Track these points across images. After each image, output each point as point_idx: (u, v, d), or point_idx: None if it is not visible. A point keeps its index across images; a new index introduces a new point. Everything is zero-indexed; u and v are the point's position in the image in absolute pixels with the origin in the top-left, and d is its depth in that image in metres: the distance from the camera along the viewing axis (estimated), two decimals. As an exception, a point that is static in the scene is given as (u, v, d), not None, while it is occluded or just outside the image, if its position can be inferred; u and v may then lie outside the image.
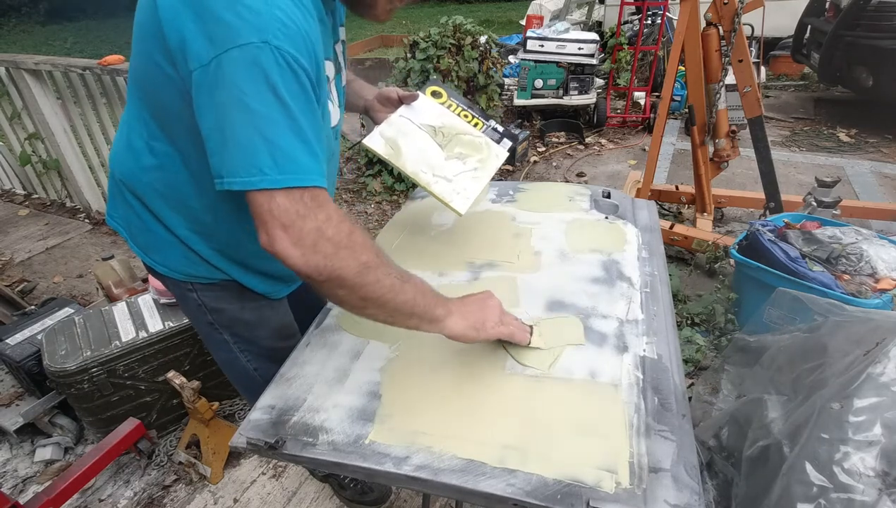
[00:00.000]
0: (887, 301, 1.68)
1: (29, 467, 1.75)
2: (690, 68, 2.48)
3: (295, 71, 0.68)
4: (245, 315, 1.07)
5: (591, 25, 6.14)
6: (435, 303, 0.81)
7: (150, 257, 0.99)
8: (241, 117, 0.66)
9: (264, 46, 0.65)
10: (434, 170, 1.09)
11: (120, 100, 2.75)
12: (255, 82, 0.65)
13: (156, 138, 0.86)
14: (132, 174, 0.92)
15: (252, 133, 0.67)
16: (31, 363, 1.76)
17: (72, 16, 12.62)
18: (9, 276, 2.81)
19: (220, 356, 1.15)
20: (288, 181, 0.68)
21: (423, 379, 0.86)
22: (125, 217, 0.99)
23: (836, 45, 3.90)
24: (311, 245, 0.69)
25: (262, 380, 1.10)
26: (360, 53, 7.91)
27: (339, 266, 0.71)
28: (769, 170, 2.54)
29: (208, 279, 1.00)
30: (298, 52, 0.68)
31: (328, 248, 0.70)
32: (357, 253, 0.72)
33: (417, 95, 1.18)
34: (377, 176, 3.57)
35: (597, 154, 4.12)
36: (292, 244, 0.69)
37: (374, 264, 0.74)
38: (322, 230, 0.70)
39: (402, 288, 0.77)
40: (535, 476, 0.68)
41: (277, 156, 0.68)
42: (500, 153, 1.17)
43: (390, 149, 1.09)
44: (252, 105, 0.66)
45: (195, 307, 1.04)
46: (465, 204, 1.07)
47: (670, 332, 0.93)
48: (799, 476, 1.01)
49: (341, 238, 0.71)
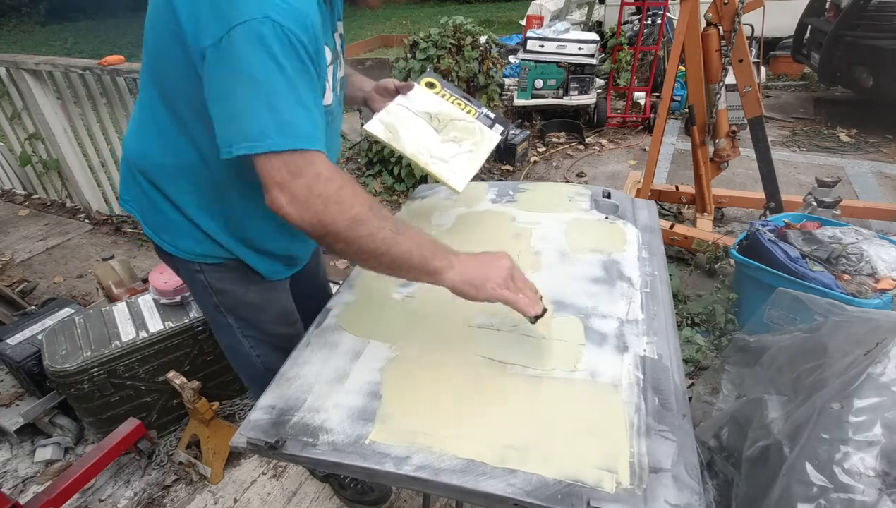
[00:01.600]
0: (887, 301, 1.68)
1: (29, 467, 1.75)
2: (690, 68, 2.48)
3: (294, 46, 0.73)
4: (249, 296, 1.11)
5: (592, 25, 6.14)
6: (433, 255, 0.81)
7: (161, 237, 1.03)
8: (245, 87, 0.72)
9: (266, 21, 0.71)
10: (431, 152, 1.15)
11: (120, 101, 2.75)
12: (258, 54, 0.71)
13: (166, 120, 0.90)
14: (144, 156, 0.97)
15: (256, 101, 0.72)
16: (31, 363, 1.76)
17: (72, 16, 12.61)
18: (9, 276, 2.82)
19: (224, 341, 1.20)
20: (286, 144, 0.73)
21: (423, 379, 0.86)
22: (137, 199, 1.03)
23: (837, 45, 3.90)
24: (304, 201, 0.74)
25: (264, 369, 1.15)
26: (361, 53, 7.91)
27: (330, 220, 0.75)
28: (769, 171, 2.54)
29: (215, 258, 1.04)
30: (298, 27, 0.74)
31: (318, 204, 0.74)
32: (346, 207, 0.76)
33: (413, 86, 1.23)
34: (377, 176, 3.57)
35: (597, 154, 4.12)
36: (288, 202, 0.74)
37: (364, 217, 0.77)
38: (311, 187, 0.74)
39: (396, 240, 0.79)
40: (535, 476, 0.68)
41: (279, 121, 0.72)
42: (492, 137, 1.24)
43: (389, 133, 1.15)
44: (256, 75, 0.72)
45: (202, 289, 1.08)
46: (463, 182, 1.14)
47: (670, 332, 0.93)
48: (799, 477, 1.01)
49: (330, 193, 0.75)
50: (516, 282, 0.84)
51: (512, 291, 0.82)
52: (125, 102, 2.75)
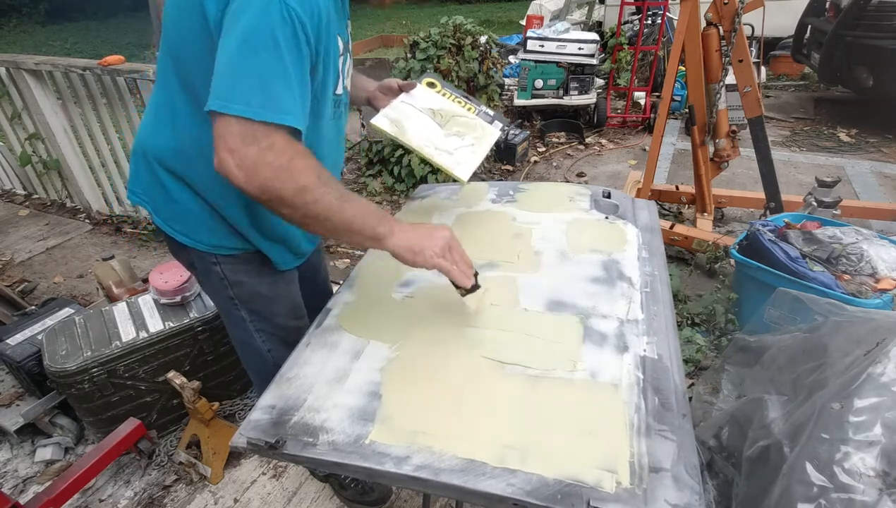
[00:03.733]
0: (887, 301, 1.68)
1: (29, 467, 1.75)
2: (691, 68, 2.48)
3: (295, 27, 0.77)
4: (263, 289, 1.15)
5: (592, 25, 6.14)
6: (377, 222, 0.87)
7: (174, 228, 1.04)
8: (244, 52, 0.76)
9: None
10: (436, 145, 1.20)
11: (120, 101, 2.76)
12: (262, 27, 0.76)
13: (187, 108, 0.93)
14: (162, 145, 0.98)
15: (246, 65, 0.76)
16: (31, 363, 1.76)
17: (72, 16, 12.61)
18: (9, 276, 2.82)
19: (237, 336, 1.24)
20: (263, 115, 0.76)
21: (423, 379, 0.86)
22: (149, 190, 1.04)
23: (837, 45, 3.90)
24: (252, 167, 0.77)
25: (274, 364, 1.16)
26: (361, 53, 7.91)
27: (278, 187, 0.78)
28: (769, 170, 2.54)
29: (229, 250, 1.07)
30: (304, 11, 0.78)
31: (267, 172, 0.77)
32: (296, 176, 0.79)
33: (416, 84, 1.29)
34: (377, 176, 3.57)
35: (597, 154, 4.12)
36: (236, 166, 0.77)
37: (312, 186, 0.81)
38: (262, 155, 0.77)
39: (342, 207, 0.84)
40: (535, 476, 0.68)
41: (264, 91, 0.76)
42: (493, 132, 1.29)
43: (395, 127, 1.19)
44: (256, 46, 0.76)
45: (218, 281, 1.11)
46: (467, 172, 1.19)
47: (670, 332, 0.93)
48: (799, 476, 1.01)
49: (281, 162, 0.78)
50: (453, 254, 0.91)
51: (448, 261, 0.90)
52: (125, 102, 2.75)
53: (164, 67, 0.95)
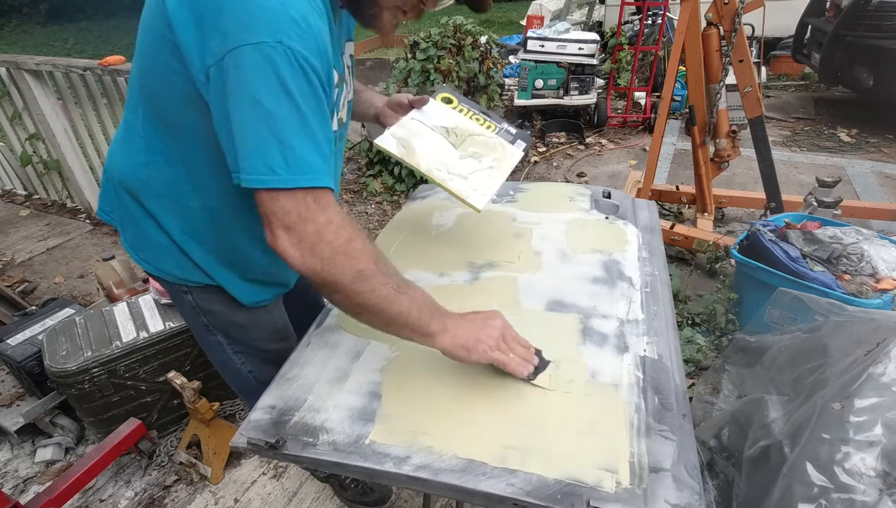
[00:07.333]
0: (888, 301, 1.68)
1: (30, 467, 1.75)
2: (691, 68, 2.48)
3: (306, 72, 0.69)
4: (239, 317, 1.06)
5: (592, 25, 6.14)
6: (430, 317, 0.79)
7: (139, 256, 0.99)
8: (254, 116, 0.68)
9: (278, 46, 0.66)
10: (449, 168, 1.06)
11: (120, 101, 2.75)
12: (269, 82, 0.67)
13: (156, 136, 0.86)
14: (129, 172, 0.91)
15: (265, 132, 0.68)
16: (31, 363, 1.76)
17: (72, 16, 12.62)
18: (10, 277, 2.82)
19: (214, 358, 1.15)
20: (296, 181, 0.70)
21: (423, 379, 0.86)
22: (116, 212, 0.98)
23: (837, 45, 3.89)
24: (310, 247, 0.71)
25: (257, 383, 1.10)
26: (361, 53, 7.90)
27: (335, 271, 0.72)
28: (770, 171, 2.54)
29: (198, 283, 0.99)
30: (310, 52, 0.69)
31: (326, 252, 0.71)
32: (354, 260, 0.73)
33: (428, 99, 1.16)
34: (377, 176, 3.57)
35: (597, 154, 4.12)
36: (292, 245, 0.71)
37: (370, 273, 0.74)
38: (321, 234, 0.71)
39: (398, 299, 0.76)
40: (535, 476, 0.68)
41: (288, 155, 0.69)
42: (514, 152, 1.15)
43: (403, 148, 1.07)
44: (265, 104, 0.67)
45: (189, 309, 1.04)
46: (483, 200, 1.04)
47: (671, 332, 0.93)
48: (800, 477, 1.01)
49: (339, 243, 0.72)
50: (508, 342, 0.83)
51: (503, 352, 0.81)
52: (126, 103, 2.74)
53: (133, 91, 0.87)
